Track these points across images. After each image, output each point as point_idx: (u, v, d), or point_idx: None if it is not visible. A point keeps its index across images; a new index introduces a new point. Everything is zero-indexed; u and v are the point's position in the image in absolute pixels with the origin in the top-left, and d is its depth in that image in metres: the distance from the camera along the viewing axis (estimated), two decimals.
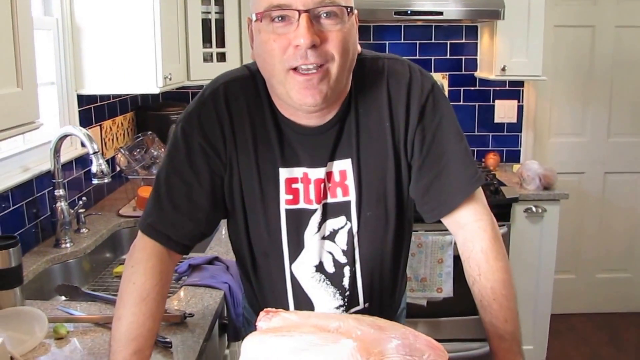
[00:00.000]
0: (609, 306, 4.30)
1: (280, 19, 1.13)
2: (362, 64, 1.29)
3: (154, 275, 1.26)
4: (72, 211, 2.33)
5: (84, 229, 2.43)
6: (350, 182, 1.29)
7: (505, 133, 3.96)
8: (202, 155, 1.29)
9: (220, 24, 3.29)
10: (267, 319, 1.04)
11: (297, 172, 1.29)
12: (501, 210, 3.23)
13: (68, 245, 2.27)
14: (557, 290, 3.89)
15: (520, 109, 3.92)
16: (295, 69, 1.15)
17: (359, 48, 1.25)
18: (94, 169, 2.15)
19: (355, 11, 1.21)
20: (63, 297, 2.00)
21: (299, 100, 1.17)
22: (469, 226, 1.29)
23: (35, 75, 1.42)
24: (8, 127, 1.30)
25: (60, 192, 2.27)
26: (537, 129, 3.99)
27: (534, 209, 3.30)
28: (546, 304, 3.48)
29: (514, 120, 3.93)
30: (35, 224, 2.27)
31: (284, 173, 1.29)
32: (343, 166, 1.29)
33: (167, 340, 1.54)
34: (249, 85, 1.30)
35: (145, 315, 1.22)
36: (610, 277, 4.29)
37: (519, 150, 3.98)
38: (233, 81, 1.31)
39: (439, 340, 3.21)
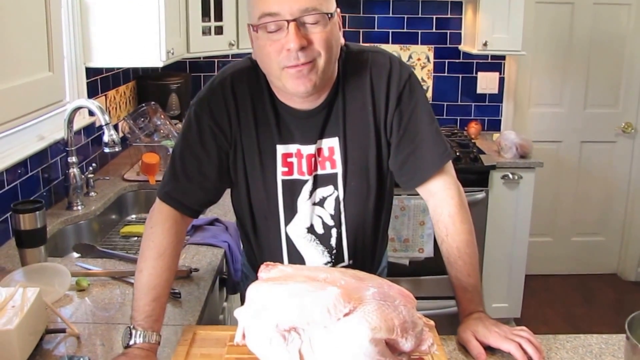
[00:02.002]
0: (584, 268, 4.53)
1: (273, 28, 1.33)
2: (349, 56, 1.50)
3: (170, 234, 1.47)
4: (82, 176, 2.52)
5: (92, 193, 2.62)
6: (337, 157, 1.51)
7: (487, 103, 4.13)
8: (211, 135, 1.49)
9: None
10: (267, 271, 1.25)
11: (292, 148, 1.51)
12: (480, 176, 3.44)
13: (79, 207, 2.46)
14: (534, 253, 4.13)
15: (501, 81, 4.09)
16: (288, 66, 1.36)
17: (342, 41, 1.45)
18: (105, 138, 2.33)
19: (338, 10, 1.41)
20: (76, 254, 2.20)
21: (293, 89, 1.38)
22: (438, 194, 1.51)
23: (63, 59, 1.61)
24: (41, 106, 1.49)
25: (73, 159, 2.46)
26: (517, 100, 4.17)
27: (510, 175, 3.50)
28: (521, 265, 3.70)
29: (496, 91, 4.10)
30: (49, 188, 2.45)
31: (281, 149, 1.50)
32: (331, 143, 1.50)
33: (177, 291, 1.76)
34: (251, 75, 1.50)
35: (163, 268, 1.43)
36: (585, 240, 4.51)
37: (500, 120, 4.16)
38: (238, 72, 1.51)
39: (420, 298, 3.45)
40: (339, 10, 1.42)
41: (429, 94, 4.08)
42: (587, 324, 3.90)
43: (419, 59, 4.04)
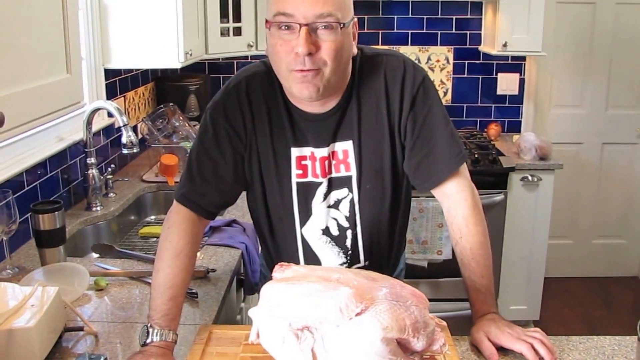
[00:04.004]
0: (604, 271, 4.50)
1: (285, 27, 1.33)
2: (363, 60, 1.50)
3: (186, 235, 1.48)
4: (101, 177, 2.55)
5: (111, 194, 2.65)
6: (352, 159, 1.51)
7: (507, 104, 4.10)
8: (227, 138, 1.51)
9: None
10: (280, 271, 1.26)
11: (306, 151, 1.52)
12: (499, 178, 3.43)
13: (98, 208, 2.49)
14: (554, 255, 4.10)
15: (521, 82, 4.06)
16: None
17: (355, 51, 1.45)
18: (124, 140, 2.35)
19: (355, 19, 1.41)
20: (95, 255, 2.22)
21: (298, 93, 1.39)
22: (452, 196, 1.50)
23: (80, 60, 1.63)
24: (60, 108, 1.51)
25: (91, 160, 2.48)
26: (538, 101, 4.14)
27: (530, 177, 3.48)
28: (540, 267, 3.67)
29: (516, 92, 4.08)
30: (68, 189, 2.48)
31: (295, 152, 1.51)
32: (345, 146, 1.51)
33: (194, 291, 1.77)
34: (265, 79, 1.51)
35: (179, 268, 1.44)
36: (606, 243, 4.48)
37: (520, 121, 4.13)
38: (253, 75, 1.53)
39: (438, 300, 3.45)
40: (355, 19, 1.42)
41: (449, 96, 4.07)
42: (606, 326, 3.87)
43: (438, 60, 4.03)
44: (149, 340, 1.35)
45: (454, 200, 1.50)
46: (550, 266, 3.93)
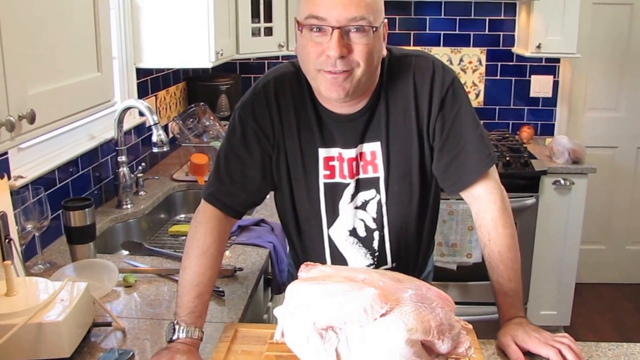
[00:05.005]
0: (638, 277, 4.40)
1: (317, 29, 1.33)
2: (392, 60, 1.50)
3: (213, 233, 1.49)
4: (132, 175, 2.58)
5: (142, 192, 2.68)
6: (380, 161, 1.51)
7: (540, 107, 4.05)
8: (255, 137, 1.52)
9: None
10: (306, 270, 1.26)
11: (334, 151, 1.51)
12: (530, 182, 3.38)
13: (129, 206, 2.51)
14: (586, 260, 4.04)
15: (555, 84, 4.00)
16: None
17: (384, 52, 1.45)
18: (154, 138, 2.37)
19: (385, 20, 1.41)
20: (125, 252, 2.25)
21: (326, 93, 1.39)
22: (481, 199, 1.49)
23: (111, 59, 1.65)
24: (90, 106, 1.53)
25: (122, 158, 2.51)
26: (572, 104, 4.07)
27: (562, 181, 3.43)
28: (571, 272, 3.62)
29: (549, 95, 4.02)
30: (99, 186, 2.52)
31: (323, 152, 1.51)
32: (373, 148, 1.50)
33: (221, 290, 1.78)
34: (293, 79, 1.52)
35: (206, 266, 1.45)
36: None
37: (553, 124, 4.07)
38: (281, 76, 1.53)
39: (467, 303, 3.41)
40: (386, 21, 1.42)
41: (481, 98, 4.03)
42: (638, 334, 3.79)
43: (471, 62, 4.00)
44: (175, 337, 1.36)
45: (483, 203, 1.48)
46: (582, 272, 3.87)
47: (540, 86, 4.02)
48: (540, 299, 3.61)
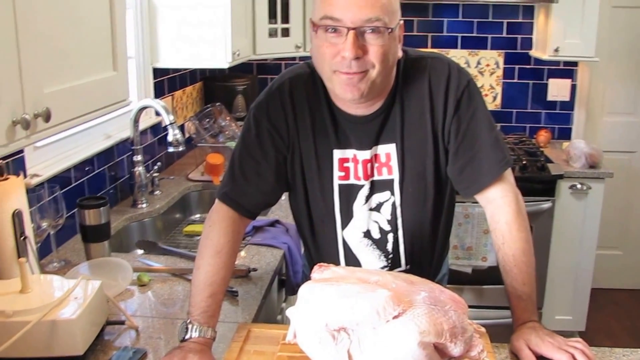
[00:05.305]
0: None
1: (332, 30, 1.33)
2: (408, 62, 1.49)
3: (227, 233, 1.49)
4: (147, 175, 2.59)
5: (157, 191, 2.69)
6: (394, 163, 1.50)
7: (557, 111, 4.01)
8: (269, 138, 1.52)
9: (285, 0, 3.43)
10: (319, 271, 1.25)
11: (349, 153, 1.51)
12: (546, 186, 3.36)
13: (144, 205, 2.53)
14: (602, 266, 4.00)
15: (573, 88, 3.96)
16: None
17: (400, 54, 1.44)
18: (170, 138, 2.38)
19: (401, 22, 1.40)
20: (139, 251, 2.26)
21: (341, 94, 1.39)
22: (496, 202, 1.48)
23: (126, 59, 1.65)
24: (105, 105, 1.53)
25: (138, 157, 2.52)
26: (590, 108, 4.04)
27: (579, 186, 3.40)
28: (587, 277, 3.58)
29: (567, 98, 3.98)
30: (115, 185, 2.53)
31: (337, 154, 1.51)
32: (388, 149, 1.50)
33: (234, 290, 1.78)
34: (309, 80, 1.52)
35: (219, 266, 1.45)
36: None
37: (571, 128, 4.03)
38: (296, 77, 1.53)
39: (482, 307, 3.39)
40: (402, 22, 1.41)
41: (498, 101, 4.01)
42: None
43: (488, 64, 3.98)
44: (187, 336, 1.36)
45: (498, 206, 1.47)
46: (598, 277, 3.83)
47: (557, 90, 3.98)
48: (556, 303, 3.58)
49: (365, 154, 1.50)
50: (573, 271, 3.56)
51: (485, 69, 3.97)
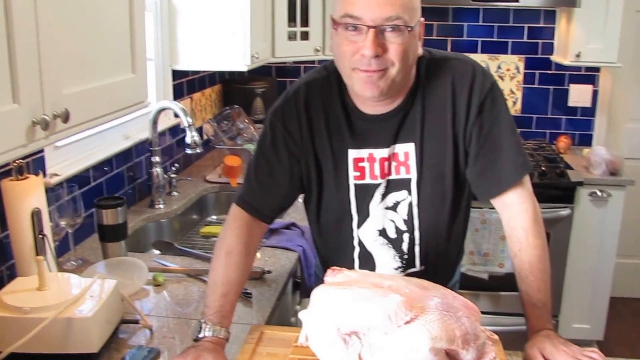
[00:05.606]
0: None
1: (352, 28, 1.33)
2: (431, 62, 1.49)
3: (239, 234, 1.51)
4: (165, 176, 2.60)
5: (174, 192, 2.70)
6: (412, 162, 1.50)
7: (578, 117, 3.97)
8: (283, 142, 1.53)
9: (305, 4, 3.44)
10: (332, 275, 1.25)
11: (364, 152, 1.51)
12: (565, 192, 3.32)
13: (161, 206, 2.54)
14: (622, 274, 3.95)
15: (595, 94, 3.92)
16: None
17: (420, 52, 1.44)
18: (188, 140, 2.40)
19: (422, 19, 1.40)
20: (156, 251, 2.27)
21: (361, 92, 1.40)
22: (513, 207, 1.47)
23: (145, 61, 1.67)
24: (124, 107, 1.55)
25: (156, 158, 2.54)
26: (612, 114, 3.98)
27: (599, 193, 3.36)
28: (606, 286, 3.54)
29: (588, 104, 3.93)
30: (133, 186, 2.55)
31: (353, 153, 1.51)
32: (407, 148, 1.50)
33: (248, 291, 1.79)
34: (325, 83, 1.53)
35: (232, 267, 1.47)
36: None
37: (592, 135, 3.99)
38: (312, 81, 1.55)
39: (498, 313, 3.36)
40: (422, 19, 1.41)
41: (518, 106, 3.98)
42: None
43: (508, 69, 3.95)
44: (201, 335, 1.37)
45: (515, 211, 1.47)
46: (618, 286, 3.78)
47: (579, 95, 3.94)
48: (573, 311, 3.55)
49: (383, 152, 1.50)
50: (591, 279, 3.52)
51: (505, 73, 3.95)
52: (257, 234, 1.60)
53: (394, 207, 1.55)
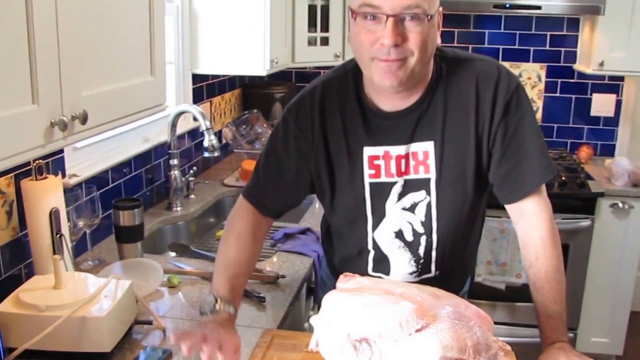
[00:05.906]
0: None
1: (371, 17, 1.32)
2: (455, 62, 1.47)
3: (248, 222, 1.56)
4: (183, 179, 2.62)
5: (192, 195, 2.72)
6: (432, 161, 1.47)
7: (601, 127, 3.92)
8: (294, 139, 1.54)
9: (326, 9, 3.45)
10: (345, 281, 1.25)
11: (379, 150, 1.49)
12: (586, 203, 3.28)
13: (178, 208, 2.56)
14: None
15: (618, 103, 3.87)
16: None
17: (438, 41, 1.41)
18: (206, 143, 2.41)
19: (440, 9, 1.38)
20: (172, 253, 2.28)
21: (379, 82, 1.38)
22: (532, 216, 1.45)
23: (164, 64, 1.68)
24: (142, 109, 1.56)
25: (174, 161, 2.56)
26: (635, 125, 3.92)
27: (620, 204, 3.31)
28: (626, 299, 3.48)
29: (611, 114, 3.88)
30: (151, 188, 2.56)
31: (368, 151, 1.49)
32: (426, 147, 1.47)
33: (262, 295, 1.79)
34: (341, 82, 1.52)
35: (239, 250, 1.51)
36: None
37: (614, 145, 3.94)
38: (329, 80, 1.55)
39: (514, 324, 3.30)
40: (441, 9, 1.39)
41: (539, 115, 3.94)
42: None
43: (530, 77, 3.92)
44: (216, 309, 1.42)
45: (533, 221, 1.45)
46: (639, 300, 3.73)
47: (601, 105, 3.89)
48: (592, 325, 3.49)
49: (399, 150, 1.48)
50: (611, 292, 3.47)
51: (526, 82, 3.92)
52: (264, 226, 1.62)
53: (411, 209, 1.52)
